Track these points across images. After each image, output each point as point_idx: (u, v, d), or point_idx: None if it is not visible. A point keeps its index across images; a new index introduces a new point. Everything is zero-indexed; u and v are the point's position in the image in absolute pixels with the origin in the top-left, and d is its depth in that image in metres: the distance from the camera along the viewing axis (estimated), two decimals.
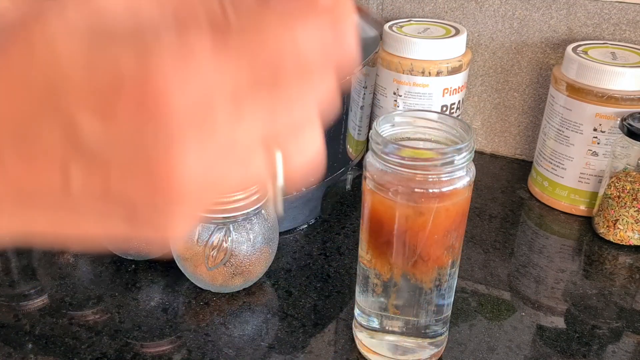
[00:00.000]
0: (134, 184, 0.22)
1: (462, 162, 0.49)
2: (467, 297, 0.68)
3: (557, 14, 0.87)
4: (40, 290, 0.69)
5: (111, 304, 0.67)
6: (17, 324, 0.64)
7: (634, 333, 0.64)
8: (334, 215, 0.83)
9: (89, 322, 0.65)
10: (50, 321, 0.65)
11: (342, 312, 0.66)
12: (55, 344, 0.62)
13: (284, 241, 0.77)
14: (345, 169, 0.83)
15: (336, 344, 0.62)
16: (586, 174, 0.81)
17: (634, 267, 0.74)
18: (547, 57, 0.91)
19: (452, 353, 0.61)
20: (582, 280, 0.71)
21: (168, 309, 0.66)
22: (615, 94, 0.75)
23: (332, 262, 0.74)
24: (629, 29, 0.84)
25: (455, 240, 0.53)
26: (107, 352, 0.60)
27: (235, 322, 0.65)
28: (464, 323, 0.64)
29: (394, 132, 0.53)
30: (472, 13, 0.93)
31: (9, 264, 0.74)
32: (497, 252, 0.76)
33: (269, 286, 0.70)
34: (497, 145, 1.00)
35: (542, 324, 0.65)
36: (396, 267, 0.53)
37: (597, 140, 0.78)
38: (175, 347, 0.61)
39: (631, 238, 0.76)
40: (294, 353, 0.61)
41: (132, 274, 0.71)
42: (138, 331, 0.63)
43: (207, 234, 0.63)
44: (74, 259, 0.74)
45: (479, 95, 0.98)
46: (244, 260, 0.65)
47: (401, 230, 0.51)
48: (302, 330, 0.63)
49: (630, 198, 0.74)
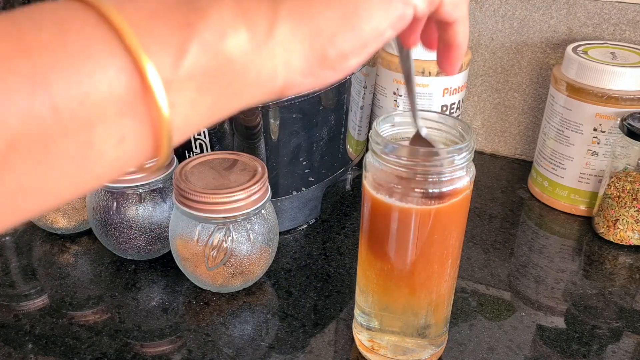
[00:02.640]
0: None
1: (462, 162, 0.49)
2: (467, 297, 0.68)
3: (557, 14, 0.88)
4: (40, 290, 0.69)
5: (111, 304, 0.67)
6: (17, 324, 0.64)
7: (634, 333, 0.64)
8: (334, 215, 0.83)
9: (89, 322, 0.65)
10: (50, 321, 0.65)
11: (342, 312, 0.66)
12: (55, 344, 0.62)
13: (284, 241, 0.77)
14: (345, 168, 0.83)
15: (336, 344, 0.62)
16: (586, 174, 0.81)
17: (634, 267, 0.74)
18: (547, 57, 0.91)
19: (452, 353, 0.61)
20: (582, 280, 0.71)
21: (168, 309, 0.66)
22: (615, 94, 0.75)
23: (332, 262, 0.74)
24: (628, 29, 0.85)
25: (455, 240, 0.53)
26: (107, 352, 0.61)
27: (235, 322, 0.65)
28: (464, 323, 0.64)
29: (394, 132, 0.53)
30: (472, 13, 0.93)
31: (9, 264, 0.74)
32: (497, 252, 0.76)
33: (269, 286, 0.70)
34: (497, 145, 1.00)
35: (542, 324, 0.65)
36: (396, 267, 0.53)
37: (597, 140, 0.78)
38: (175, 347, 0.61)
39: (631, 238, 0.76)
40: (294, 353, 0.61)
41: (132, 274, 0.72)
42: (138, 331, 0.63)
43: (207, 234, 0.63)
44: (73, 259, 0.74)
45: (479, 95, 0.98)
46: (244, 260, 0.65)
47: (401, 230, 0.51)
48: (302, 330, 0.64)
49: (630, 198, 0.74)
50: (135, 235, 0.70)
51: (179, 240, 0.65)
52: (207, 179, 0.64)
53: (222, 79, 0.28)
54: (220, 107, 0.30)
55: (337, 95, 0.74)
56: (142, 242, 0.70)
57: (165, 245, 0.72)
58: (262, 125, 0.69)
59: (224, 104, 0.30)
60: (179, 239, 0.65)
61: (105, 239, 0.71)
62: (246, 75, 0.29)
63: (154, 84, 0.26)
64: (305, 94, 0.68)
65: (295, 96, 0.68)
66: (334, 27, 0.31)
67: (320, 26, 0.30)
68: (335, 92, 0.73)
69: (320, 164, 0.77)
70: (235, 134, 0.71)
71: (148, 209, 0.69)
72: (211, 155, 0.68)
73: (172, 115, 0.27)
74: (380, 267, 0.54)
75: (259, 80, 0.30)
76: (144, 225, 0.69)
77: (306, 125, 0.72)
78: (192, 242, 0.64)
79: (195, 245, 0.64)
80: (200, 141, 0.73)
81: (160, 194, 0.70)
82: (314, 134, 0.74)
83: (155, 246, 0.71)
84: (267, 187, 0.66)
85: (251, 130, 0.70)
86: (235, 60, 0.28)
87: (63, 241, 0.78)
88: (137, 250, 0.71)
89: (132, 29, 0.26)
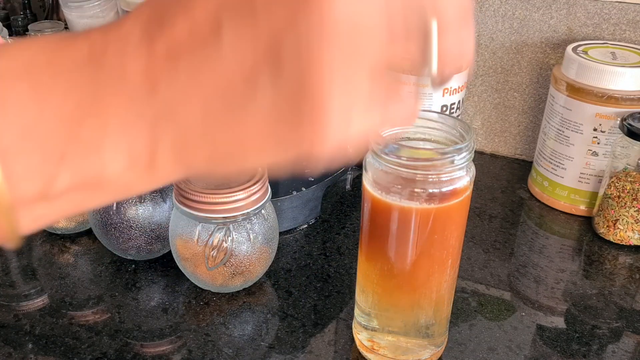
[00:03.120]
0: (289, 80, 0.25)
1: (462, 162, 0.49)
2: (467, 297, 0.68)
3: (557, 14, 0.88)
4: (40, 290, 0.69)
5: (111, 304, 0.67)
6: (17, 324, 0.64)
7: (634, 333, 0.64)
8: (334, 215, 0.83)
9: (89, 322, 0.65)
10: (50, 321, 0.65)
11: (342, 312, 0.66)
12: (56, 344, 0.62)
13: (284, 241, 0.77)
14: (345, 169, 0.83)
15: (336, 344, 0.62)
16: (586, 174, 0.81)
17: (634, 267, 0.74)
18: (547, 57, 0.91)
19: (452, 353, 0.61)
20: (582, 280, 0.71)
21: (168, 308, 0.66)
22: (615, 93, 0.75)
23: (332, 262, 0.74)
24: (628, 29, 0.85)
25: (455, 240, 0.53)
26: (107, 352, 0.61)
27: (235, 322, 0.65)
28: (464, 323, 0.65)
29: (394, 132, 0.53)
30: None
31: (9, 264, 0.74)
32: (497, 252, 0.76)
33: (269, 286, 0.70)
34: (497, 145, 1.00)
35: (542, 324, 0.65)
36: (396, 267, 0.53)
37: (597, 140, 0.79)
38: (175, 347, 0.62)
39: (631, 238, 0.76)
40: (294, 353, 0.61)
41: (132, 274, 0.72)
42: (138, 331, 0.63)
43: (207, 234, 0.63)
44: (74, 259, 0.75)
45: (479, 95, 0.98)
46: (244, 260, 0.65)
47: (401, 230, 0.51)
48: (302, 330, 0.64)
49: (630, 198, 0.74)
50: (135, 235, 0.70)
51: (179, 240, 0.65)
52: (207, 179, 0.64)
53: (91, 193, 0.28)
54: (83, 207, 0.30)
55: None
56: (142, 242, 0.70)
57: (166, 245, 0.72)
58: None
59: (87, 204, 0.30)
60: (179, 239, 0.65)
61: (105, 239, 0.71)
62: (118, 187, 0.29)
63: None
64: None
65: None
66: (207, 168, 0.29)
67: (195, 165, 0.29)
68: None
69: None
70: None
71: (148, 209, 0.69)
72: None
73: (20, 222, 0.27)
74: (380, 267, 0.54)
75: (130, 189, 0.30)
76: (144, 225, 0.69)
77: None
78: (192, 242, 0.64)
79: (195, 245, 0.64)
80: None
81: (160, 194, 0.70)
82: None
83: (155, 246, 0.71)
84: (267, 187, 0.66)
85: None
86: (110, 181, 0.28)
87: (63, 241, 0.78)
88: (137, 250, 0.71)
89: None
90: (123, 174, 0.27)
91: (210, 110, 0.26)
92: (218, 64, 0.25)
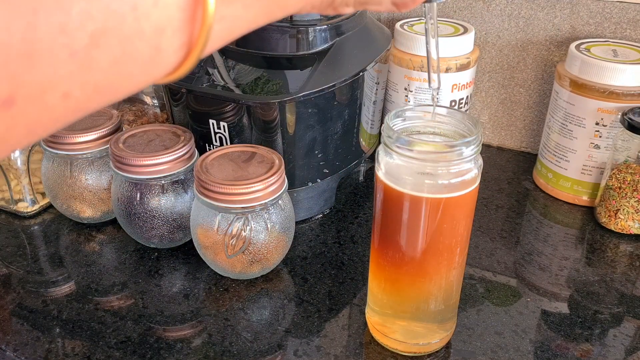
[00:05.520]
0: None
1: (470, 154, 0.49)
2: (474, 284, 0.69)
3: (560, 13, 0.88)
4: (67, 277, 0.70)
5: (135, 290, 0.68)
6: (45, 309, 0.65)
7: (634, 318, 0.64)
8: (348, 205, 0.83)
9: (114, 307, 0.65)
10: (77, 306, 0.65)
11: (355, 298, 0.66)
12: (82, 328, 0.62)
13: (300, 230, 0.77)
14: (358, 161, 0.83)
15: (350, 329, 0.63)
16: (588, 166, 0.82)
17: (634, 255, 0.74)
18: (551, 55, 0.91)
19: (461, 337, 0.61)
20: (584, 268, 0.72)
21: (189, 294, 0.67)
22: (617, 89, 0.75)
23: (346, 250, 0.74)
24: (629, 28, 0.85)
25: (464, 229, 0.53)
26: (131, 336, 0.61)
27: (253, 307, 0.65)
28: (472, 308, 0.65)
29: (405, 126, 0.54)
30: (479, 12, 0.93)
31: (37, 252, 0.74)
32: (503, 240, 0.77)
33: (286, 273, 0.70)
34: (504, 139, 1.01)
35: (546, 309, 0.65)
36: (407, 255, 0.53)
37: (599, 134, 0.79)
38: (196, 331, 0.62)
39: (631, 227, 0.77)
40: (310, 337, 0.61)
41: (155, 261, 0.72)
42: (161, 316, 0.64)
43: (227, 223, 0.64)
44: (99, 247, 0.75)
45: (486, 91, 0.98)
46: (262, 248, 0.65)
47: (412, 219, 0.51)
48: (317, 315, 0.64)
49: (630, 189, 0.75)
50: (158, 224, 0.70)
51: (200, 229, 0.66)
52: (226, 170, 0.64)
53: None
54: (262, 20, 0.32)
55: (350, 91, 0.74)
56: (165, 231, 0.71)
57: (187, 234, 0.72)
58: (279, 120, 0.69)
59: (268, 16, 0.32)
60: (199, 228, 0.66)
61: (129, 228, 0.72)
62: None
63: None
64: (320, 89, 0.68)
65: (310, 92, 0.68)
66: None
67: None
68: (349, 88, 0.73)
69: (335, 157, 0.78)
70: (254, 128, 0.71)
71: (170, 200, 0.70)
72: (230, 148, 0.68)
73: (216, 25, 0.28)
74: (392, 255, 0.54)
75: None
76: (167, 215, 0.70)
77: (321, 120, 0.72)
78: (212, 231, 0.64)
79: (215, 234, 0.64)
80: (220, 135, 0.73)
81: (182, 185, 0.70)
82: (328, 128, 0.74)
83: (177, 235, 0.72)
84: (283, 178, 0.66)
85: (269, 124, 0.70)
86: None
87: (89, 230, 0.78)
88: (159, 239, 0.72)
89: None
90: None
91: None
92: None
